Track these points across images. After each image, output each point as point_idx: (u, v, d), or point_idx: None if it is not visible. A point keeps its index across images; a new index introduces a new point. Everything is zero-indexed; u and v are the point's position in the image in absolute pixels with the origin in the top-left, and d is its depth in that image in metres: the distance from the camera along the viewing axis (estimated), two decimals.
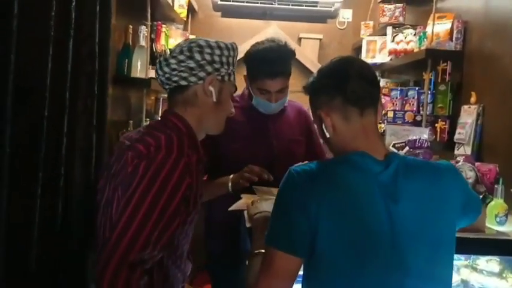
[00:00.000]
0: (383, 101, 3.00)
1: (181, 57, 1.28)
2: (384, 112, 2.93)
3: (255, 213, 1.33)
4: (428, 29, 2.58)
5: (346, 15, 3.87)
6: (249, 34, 3.82)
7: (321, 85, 1.23)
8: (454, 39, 2.47)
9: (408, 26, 2.95)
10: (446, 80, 2.55)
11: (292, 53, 1.91)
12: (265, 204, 1.32)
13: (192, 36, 3.38)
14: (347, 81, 1.19)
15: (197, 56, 1.28)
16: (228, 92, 1.35)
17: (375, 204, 1.11)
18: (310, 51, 3.80)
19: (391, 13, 3.04)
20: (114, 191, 1.18)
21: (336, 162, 1.19)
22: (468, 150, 2.33)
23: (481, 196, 1.72)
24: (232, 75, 1.35)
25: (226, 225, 1.86)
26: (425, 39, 2.57)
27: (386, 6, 3.11)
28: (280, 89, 1.86)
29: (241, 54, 3.71)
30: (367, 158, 1.16)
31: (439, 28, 2.56)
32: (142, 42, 2.40)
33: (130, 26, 2.40)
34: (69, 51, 1.40)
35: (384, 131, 2.19)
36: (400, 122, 2.77)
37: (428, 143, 1.82)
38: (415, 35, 2.80)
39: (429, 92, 2.59)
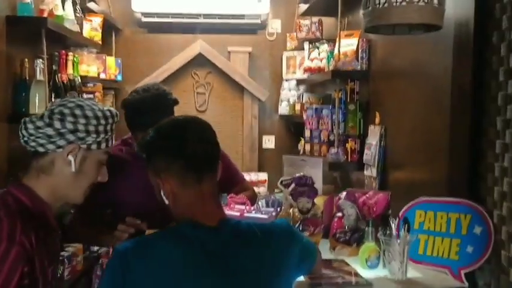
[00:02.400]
0: (304, 117, 3.00)
1: (40, 123, 1.21)
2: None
3: None
4: (337, 48, 2.56)
5: (275, 25, 3.84)
6: (178, 49, 3.78)
7: (158, 147, 1.19)
8: (359, 58, 2.46)
9: (324, 41, 2.93)
10: (355, 99, 2.55)
11: (172, 101, 1.85)
12: None
13: (110, 59, 3.32)
14: (186, 145, 1.15)
15: (57, 124, 1.21)
16: (94, 160, 1.28)
17: (202, 277, 1.09)
18: (239, 65, 3.77)
19: (307, 28, 3.01)
20: None
21: (163, 235, 1.16)
22: (374, 171, 2.33)
23: (361, 233, 1.73)
24: (105, 142, 1.29)
25: None
26: (332, 59, 2.55)
27: (303, 21, 3.09)
28: None
29: (170, 70, 3.65)
30: (196, 227, 1.13)
31: (347, 46, 2.55)
32: (40, 76, 2.33)
33: (26, 60, 2.33)
34: None
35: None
36: (317, 141, 2.78)
37: (313, 181, 1.81)
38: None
39: (340, 111, 2.59)
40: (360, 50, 2.47)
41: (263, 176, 3.62)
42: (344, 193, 1.83)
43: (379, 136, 2.30)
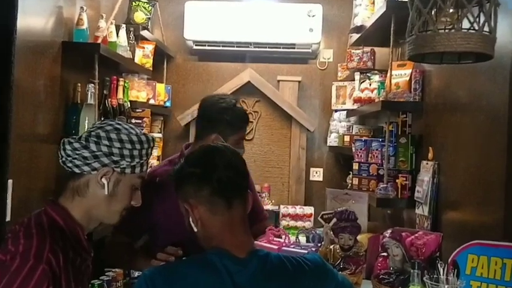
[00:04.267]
0: (352, 149, 2.96)
1: (77, 145, 1.28)
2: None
3: None
4: (388, 78, 2.52)
5: (326, 55, 3.87)
6: (228, 77, 3.88)
7: (187, 174, 1.23)
8: (412, 89, 2.41)
9: (376, 71, 2.92)
10: (407, 132, 2.49)
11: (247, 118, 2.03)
12: None
13: (159, 86, 3.45)
14: (214, 171, 1.20)
15: (92, 147, 1.27)
16: (128, 184, 1.32)
17: None
18: (288, 94, 3.81)
19: (358, 58, 3.01)
20: None
21: (191, 262, 1.19)
22: (426, 210, 2.24)
23: (407, 276, 1.66)
24: (139, 167, 1.33)
25: None
26: (383, 90, 2.51)
27: (354, 51, 3.08)
28: None
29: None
30: (225, 257, 1.15)
31: (400, 77, 2.51)
32: (91, 100, 2.47)
33: (79, 84, 2.47)
34: None
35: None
36: (365, 174, 2.71)
37: (356, 216, 1.79)
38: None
39: (390, 145, 2.53)
40: (413, 81, 2.42)
41: (309, 209, 3.56)
42: (389, 231, 1.78)
43: (431, 172, 2.21)
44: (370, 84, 2.87)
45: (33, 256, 1.14)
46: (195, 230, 1.22)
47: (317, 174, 3.89)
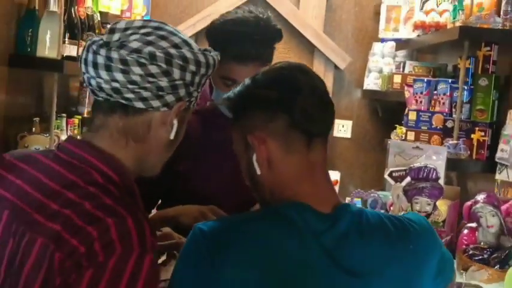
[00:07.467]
0: (406, 94, 3.11)
1: (154, 68, 1.19)
2: (405, 112, 3.06)
3: (162, 280, 1.38)
4: None
5: None
6: None
7: (257, 97, 1.28)
8: (502, 12, 2.49)
9: None
10: (490, 71, 2.61)
11: (277, 32, 1.95)
12: None
13: None
14: (298, 95, 1.25)
15: (176, 74, 1.21)
16: (186, 122, 1.33)
17: (319, 278, 1.18)
18: (312, 16, 3.88)
19: None
20: None
21: (262, 218, 1.25)
22: None
23: (505, 253, 1.80)
24: (194, 100, 1.31)
25: None
26: (460, 11, 2.63)
27: None
28: None
29: (213, 16, 3.73)
30: (306, 212, 1.21)
31: None
32: (54, 6, 2.52)
33: None
34: None
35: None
36: (426, 127, 2.86)
37: (438, 174, 1.90)
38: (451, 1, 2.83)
39: (465, 88, 2.65)
40: (503, 1, 2.47)
41: (333, 175, 3.67)
42: (482, 195, 1.88)
43: None
44: (438, 4, 2.94)
45: (138, 242, 1.08)
46: (258, 172, 1.24)
47: (343, 129, 4.02)
